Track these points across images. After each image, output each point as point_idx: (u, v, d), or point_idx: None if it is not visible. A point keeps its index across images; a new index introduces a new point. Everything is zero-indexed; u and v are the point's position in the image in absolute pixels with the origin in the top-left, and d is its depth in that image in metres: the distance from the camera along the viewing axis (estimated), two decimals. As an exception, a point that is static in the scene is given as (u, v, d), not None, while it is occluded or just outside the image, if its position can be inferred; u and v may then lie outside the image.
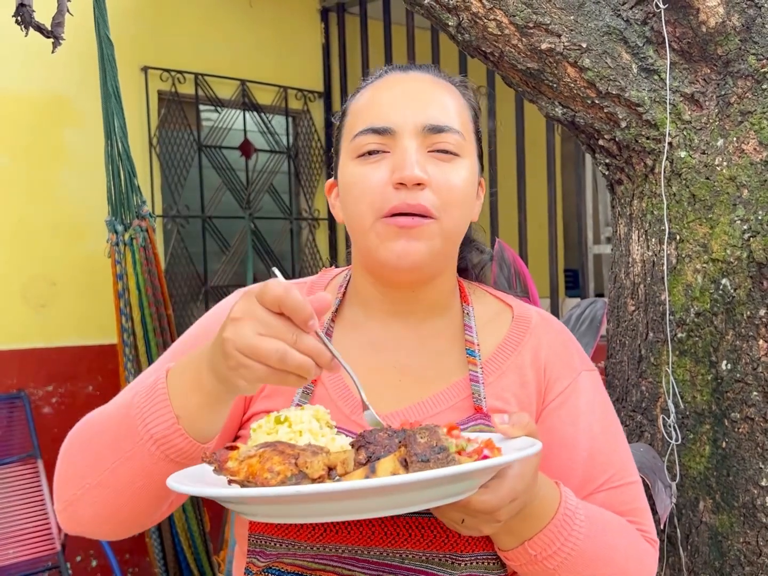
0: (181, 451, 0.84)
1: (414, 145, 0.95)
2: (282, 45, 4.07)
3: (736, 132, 1.50)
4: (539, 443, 0.82)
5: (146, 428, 0.83)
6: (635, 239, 1.64)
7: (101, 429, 0.89)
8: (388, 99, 0.99)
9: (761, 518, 1.48)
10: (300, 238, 4.28)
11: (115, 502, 0.88)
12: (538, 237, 3.74)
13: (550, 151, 3.46)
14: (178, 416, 0.83)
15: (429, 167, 0.95)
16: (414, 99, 0.98)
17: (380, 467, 0.73)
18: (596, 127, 1.57)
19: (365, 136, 0.97)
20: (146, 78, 3.57)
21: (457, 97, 1.02)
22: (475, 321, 1.05)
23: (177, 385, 0.84)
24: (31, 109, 3.28)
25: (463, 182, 0.97)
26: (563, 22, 1.50)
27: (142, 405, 0.85)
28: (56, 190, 3.35)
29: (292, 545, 0.92)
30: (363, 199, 0.96)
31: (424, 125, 0.96)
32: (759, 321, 1.47)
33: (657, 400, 1.61)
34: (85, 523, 0.91)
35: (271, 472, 0.72)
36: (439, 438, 0.74)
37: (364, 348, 1.03)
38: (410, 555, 0.92)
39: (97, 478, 0.87)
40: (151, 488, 0.86)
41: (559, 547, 0.90)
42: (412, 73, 1.03)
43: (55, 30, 1.61)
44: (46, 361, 3.29)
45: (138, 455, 0.84)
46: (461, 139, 0.98)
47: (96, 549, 3.29)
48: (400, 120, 0.96)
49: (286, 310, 0.74)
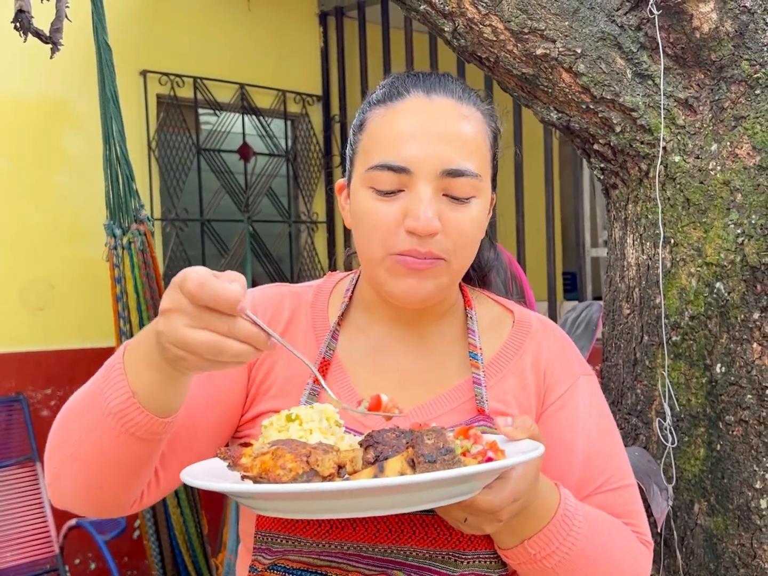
0: (139, 425, 0.83)
1: (430, 190, 0.94)
2: (281, 49, 4.09)
3: (730, 137, 1.51)
4: (542, 446, 0.84)
5: (105, 402, 0.83)
6: (630, 243, 1.65)
7: (75, 403, 0.90)
8: (406, 132, 0.95)
9: (755, 520, 1.49)
10: (299, 241, 4.29)
11: (87, 476, 0.89)
12: (536, 240, 3.75)
13: (548, 155, 3.47)
14: (134, 392, 0.82)
15: (443, 211, 0.95)
16: (434, 136, 0.95)
17: (388, 467, 0.75)
18: (591, 131, 1.58)
19: (381, 172, 0.95)
20: (145, 82, 3.58)
21: (480, 126, 1.00)
22: (478, 325, 1.07)
23: (132, 361, 0.83)
24: (30, 112, 3.29)
25: (477, 222, 0.98)
26: (558, 27, 1.51)
27: (101, 380, 0.85)
28: (55, 193, 3.36)
29: (298, 542, 0.94)
30: (375, 233, 0.96)
31: (442, 169, 0.94)
32: (753, 324, 1.48)
33: (652, 403, 1.61)
34: (67, 496, 0.92)
35: (284, 469, 0.74)
36: (446, 440, 0.76)
37: (369, 351, 1.05)
38: (414, 552, 0.94)
39: (69, 450, 0.88)
40: (119, 464, 0.87)
41: (558, 547, 0.92)
42: (436, 97, 0.98)
43: (53, 35, 1.62)
44: (44, 364, 3.30)
45: (100, 428, 0.85)
46: (478, 181, 0.97)
47: (94, 552, 3.30)
48: (417, 160, 0.94)
49: (206, 304, 0.72)
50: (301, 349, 1.04)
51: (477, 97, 1.03)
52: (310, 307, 1.07)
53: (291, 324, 1.05)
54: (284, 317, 1.05)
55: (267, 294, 1.08)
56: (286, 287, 1.10)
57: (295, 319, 1.06)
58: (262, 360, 1.03)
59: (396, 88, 1.00)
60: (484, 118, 1.01)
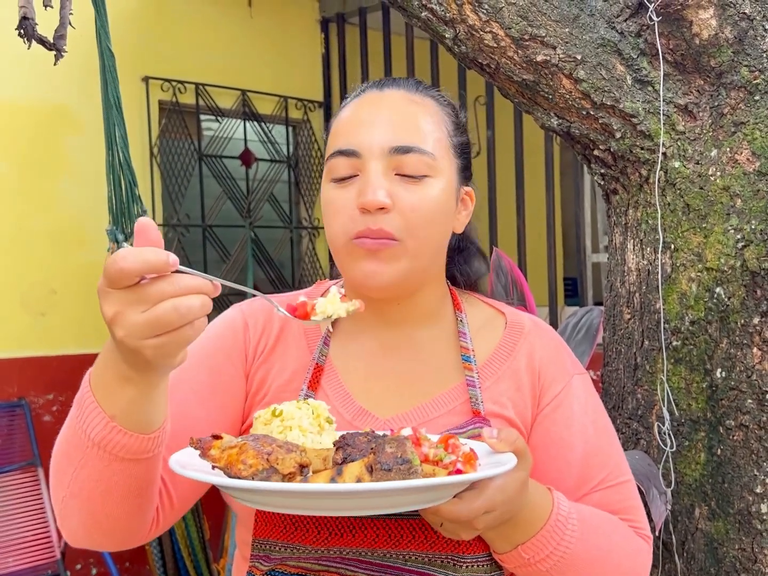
0: (126, 447, 0.82)
1: (380, 167, 0.97)
2: (282, 55, 4.10)
3: (730, 142, 1.52)
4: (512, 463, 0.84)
5: (86, 435, 0.82)
6: (630, 248, 1.65)
7: (60, 445, 0.88)
8: (357, 120, 1.00)
9: (756, 525, 1.49)
10: (300, 247, 4.30)
11: (91, 510, 0.87)
12: (537, 245, 3.76)
13: (549, 160, 3.48)
14: (112, 416, 0.80)
15: (396, 190, 0.96)
16: (382, 119, 0.99)
17: (347, 471, 0.78)
18: (591, 137, 1.59)
19: (336, 159, 0.99)
20: (147, 88, 3.60)
21: (432, 113, 1.02)
22: (469, 327, 1.07)
23: (101, 387, 0.81)
24: (33, 118, 3.30)
25: (432, 202, 0.98)
26: (558, 34, 1.52)
27: (75, 417, 0.83)
28: (57, 198, 3.37)
29: (296, 549, 0.94)
30: (336, 221, 0.98)
31: (390, 147, 0.97)
32: (753, 329, 1.48)
33: (653, 407, 1.62)
34: (79, 533, 0.91)
35: (245, 464, 0.78)
36: (405, 450, 0.78)
37: (362, 356, 1.06)
38: (413, 556, 0.94)
39: (67, 489, 0.87)
40: (118, 490, 0.85)
41: (552, 551, 0.93)
42: (387, 90, 1.03)
43: (57, 42, 1.63)
44: (46, 369, 3.31)
45: (90, 462, 0.83)
46: (430, 159, 0.98)
47: (96, 557, 3.30)
48: (366, 142, 0.97)
49: (141, 273, 0.71)
50: (295, 355, 1.05)
51: (432, 89, 1.07)
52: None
53: (283, 333, 1.06)
54: (276, 327, 1.06)
55: (255, 305, 1.09)
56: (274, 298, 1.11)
57: (287, 328, 1.06)
58: (256, 369, 1.04)
59: (355, 90, 1.07)
60: (438, 106, 1.04)
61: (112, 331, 0.74)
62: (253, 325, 1.06)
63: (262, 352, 1.05)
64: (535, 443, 1.03)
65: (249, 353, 1.04)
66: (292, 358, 1.05)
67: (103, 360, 0.81)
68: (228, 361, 1.03)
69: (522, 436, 1.02)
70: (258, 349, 1.05)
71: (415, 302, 1.04)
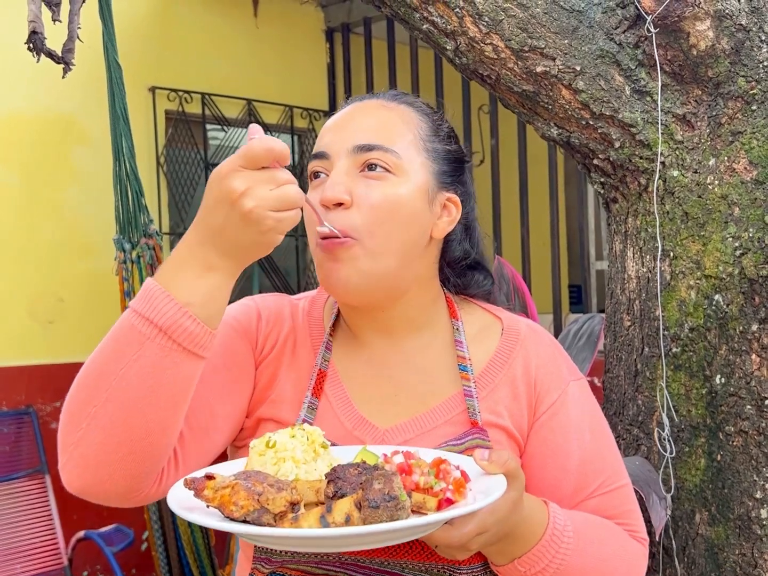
0: (192, 335, 0.85)
1: (343, 166, 0.99)
2: (287, 65, 4.14)
3: (727, 151, 1.53)
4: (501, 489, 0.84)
5: (151, 324, 0.84)
6: (630, 256, 1.67)
7: (99, 356, 0.88)
8: (329, 125, 1.05)
9: (756, 530, 1.50)
10: (305, 255, 4.33)
11: (125, 417, 0.85)
12: (541, 253, 3.77)
13: (552, 168, 3.50)
14: (186, 303, 0.85)
15: (357, 186, 0.98)
16: (349, 122, 1.03)
17: (336, 508, 0.79)
18: (591, 147, 1.61)
19: (312, 162, 1.03)
20: (154, 98, 3.63)
21: (405, 117, 1.04)
22: (465, 335, 1.07)
23: (176, 280, 0.86)
24: (41, 129, 3.34)
25: (393, 200, 0.98)
26: (558, 45, 1.54)
27: (140, 308, 0.86)
28: (65, 208, 3.41)
29: (296, 554, 0.96)
30: (308, 223, 1.01)
31: (353, 146, 0.99)
32: (751, 336, 1.50)
33: (653, 413, 1.63)
34: (91, 464, 0.87)
35: (236, 505, 0.80)
36: (392, 487, 0.79)
37: (361, 362, 1.06)
38: (410, 565, 0.95)
39: (104, 395, 0.85)
40: (162, 392, 0.85)
41: (548, 564, 0.94)
42: (366, 100, 1.07)
43: (65, 56, 1.66)
44: (53, 377, 3.33)
45: (147, 353, 0.84)
46: (394, 157, 0.99)
47: (102, 564, 3.32)
48: (333, 143, 1.01)
49: (276, 157, 0.82)
50: (302, 358, 1.06)
51: (409, 97, 1.09)
52: (307, 317, 1.09)
53: (292, 333, 1.07)
54: (286, 325, 1.07)
55: (269, 301, 1.10)
56: (285, 297, 1.12)
57: (296, 329, 1.08)
58: (267, 365, 1.05)
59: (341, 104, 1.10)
60: (414, 111, 1.06)
61: (241, 203, 0.82)
62: (266, 317, 1.07)
63: (272, 348, 1.05)
64: (532, 451, 1.03)
65: (259, 341, 1.05)
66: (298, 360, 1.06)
67: (179, 257, 0.87)
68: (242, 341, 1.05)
69: (517, 445, 1.03)
70: (267, 342, 1.05)
71: (401, 310, 1.04)
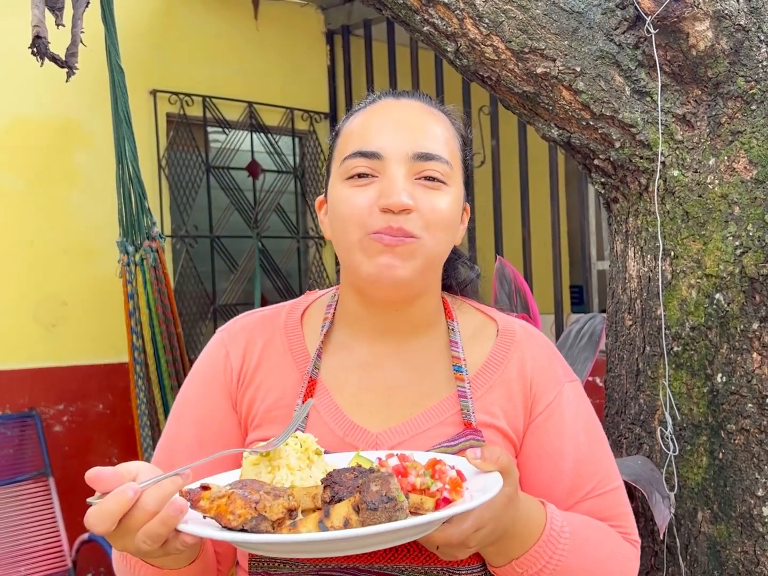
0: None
1: (402, 171, 0.98)
2: (288, 67, 4.15)
3: (727, 151, 1.54)
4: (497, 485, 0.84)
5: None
6: (631, 256, 1.68)
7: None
8: (378, 124, 1.01)
9: (758, 528, 1.51)
10: (307, 257, 4.34)
11: None
12: (542, 253, 3.78)
13: (553, 169, 3.51)
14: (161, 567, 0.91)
15: (416, 193, 0.98)
16: (404, 126, 1.01)
17: (334, 512, 0.80)
18: (591, 147, 1.61)
19: (354, 159, 0.99)
20: (155, 101, 3.64)
21: (447, 126, 1.05)
22: (460, 336, 1.07)
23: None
24: (44, 133, 3.35)
25: (448, 208, 1.00)
26: (558, 47, 1.55)
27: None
28: (68, 212, 3.42)
29: (296, 565, 0.96)
30: (351, 218, 0.98)
31: (413, 153, 0.98)
32: (752, 334, 1.51)
33: (655, 412, 1.64)
34: None
35: (233, 514, 0.80)
36: (390, 488, 0.79)
37: (353, 368, 1.06)
38: (409, 569, 0.96)
39: None
40: None
41: (545, 565, 0.95)
42: (404, 100, 1.05)
43: (69, 60, 1.67)
44: (57, 380, 3.34)
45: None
46: (448, 168, 1.00)
47: (107, 566, 3.33)
48: (389, 146, 0.99)
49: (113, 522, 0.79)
50: (281, 372, 1.05)
51: (443, 105, 1.09)
52: (284, 329, 1.08)
53: (265, 351, 1.07)
54: (258, 347, 1.07)
55: (235, 329, 1.10)
56: (256, 314, 1.12)
57: (270, 345, 1.07)
58: (243, 394, 1.05)
59: (368, 97, 1.08)
60: (450, 120, 1.07)
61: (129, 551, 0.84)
62: (234, 351, 1.07)
63: (246, 375, 1.06)
64: (527, 452, 1.04)
65: (233, 382, 1.06)
66: (278, 376, 1.05)
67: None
68: (214, 404, 1.06)
69: (513, 446, 1.04)
70: (242, 374, 1.06)
71: (413, 311, 1.05)
